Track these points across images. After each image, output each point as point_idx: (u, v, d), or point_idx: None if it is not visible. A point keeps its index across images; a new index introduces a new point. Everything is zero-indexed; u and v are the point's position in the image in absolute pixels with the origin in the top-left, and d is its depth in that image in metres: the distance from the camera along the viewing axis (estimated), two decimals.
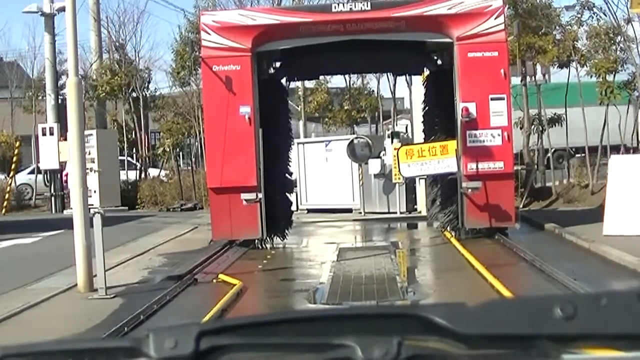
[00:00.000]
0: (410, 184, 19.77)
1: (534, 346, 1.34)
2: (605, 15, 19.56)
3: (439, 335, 1.34)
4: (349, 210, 21.30)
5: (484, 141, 14.24)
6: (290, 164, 16.67)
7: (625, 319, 1.34)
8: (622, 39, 19.66)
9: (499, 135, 14.23)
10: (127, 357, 1.36)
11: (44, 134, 26.78)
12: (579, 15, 20.11)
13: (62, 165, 25.40)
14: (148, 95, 29.45)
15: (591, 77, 20.38)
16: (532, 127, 21.47)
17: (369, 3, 14.30)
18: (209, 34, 14.49)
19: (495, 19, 14.19)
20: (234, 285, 10.65)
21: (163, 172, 28.82)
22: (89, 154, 25.02)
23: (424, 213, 19.38)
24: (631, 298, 1.37)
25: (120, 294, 10.41)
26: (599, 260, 11.76)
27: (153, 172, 29.07)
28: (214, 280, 11.51)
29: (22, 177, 29.93)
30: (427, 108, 16.96)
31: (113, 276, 11.32)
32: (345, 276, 11.55)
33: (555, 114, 21.23)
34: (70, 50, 11.14)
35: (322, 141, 23.44)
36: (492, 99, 14.19)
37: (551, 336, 1.34)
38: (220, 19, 14.78)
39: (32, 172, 29.79)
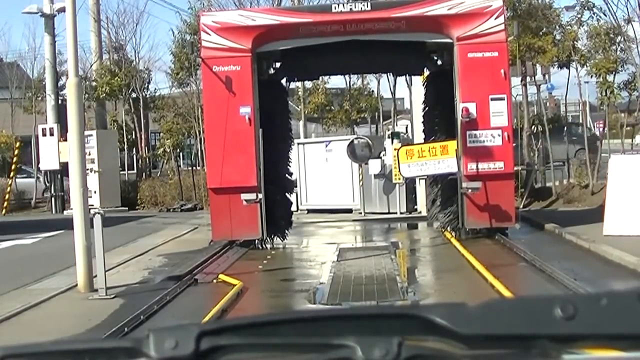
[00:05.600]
0: (410, 184, 19.77)
1: (534, 346, 1.34)
2: (605, 15, 19.58)
3: (439, 335, 1.34)
4: (349, 211, 21.29)
5: (484, 141, 14.23)
6: (290, 164, 16.66)
7: (626, 319, 1.33)
8: (622, 39, 19.65)
9: (499, 135, 14.23)
10: (128, 358, 1.36)
11: (44, 135, 26.81)
12: (579, 16, 20.12)
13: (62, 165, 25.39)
14: (148, 95, 29.46)
15: (591, 77, 20.40)
16: (532, 127, 21.48)
17: (369, 3, 14.31)
18: (209, 34, 14.49)
19: (495, 19, 14.18)
20: (234, 285, 10.65)
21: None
22: (89, 154, 25.13)
23: (424, 213, 19.37)
24: (631, 298, 1.37)
25: (121, 295, 10.41)
26: (599, 261, 11.75)
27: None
28: (214, 281, 11.51)
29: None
30: (427, 108, 16.96)
31: (113, 276, 11.34)
32: (345, 276, 11.54)
33: (555, 114, 21.24)
34: (70, 51, 11.14)
35: (322, 141, 23.43)
36: (492, 99, 14.19)
37: (551, 336, 1.33)
38: (220, 20, 14.78)
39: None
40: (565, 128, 20.56)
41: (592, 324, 1.33)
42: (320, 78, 26.70)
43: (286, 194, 16.37)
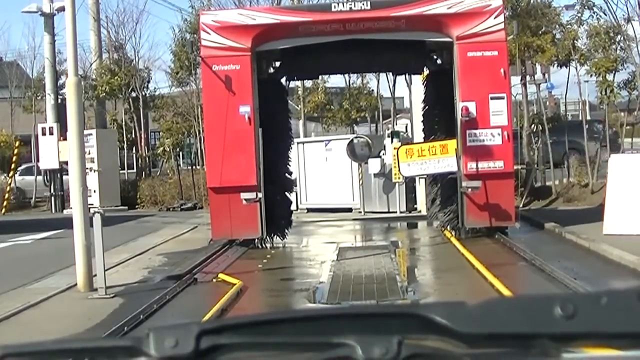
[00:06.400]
0: (410, 183, 19.74)
1: (534, 345, 1.34)
2: (605, 14, 19.56)
3: (439, 334, 1.34)
4: (349, 210, 21.27)
5: (483, 140, 14.21)
6: (290, 163, 16.64)
7: (626, 318, 1.33)
8: (622, 38, 19.64)
9: (498, 134, 14.20)
10: (128, 356, 1.35)
11: (43, 134, 26.80)
12: (579, 15, 20.10)
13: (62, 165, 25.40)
14: (147, 95, 29.44)
15: (591, 76, 20.37)
16: (532, 126, 21.46)
17: (368, 2, 14.27)
18: (209, 33, 14.46)
19: (495, 18, 14.16)
20: (234, 284, 10.64)
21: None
22: (89, 153, 25.12)
23: (423, 212, 19.36)
24: (631, 297, 1.36)
25: (120, 294, 10.39)
26: (599, 260, 11.73)
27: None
28: (214, 280, 11.49)
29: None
30: (427, 107, 16.93)
31: (113, 276, 11.32)
32: (345, 275, 11.52)
33: (555, 113, 21.21)
34: (70, 50, 11.12)
35: (322, 141, 23.42)
36: (492, 98, 14.16)
37: (551, 335, 1.33)
38: (220, 19, 14.75)
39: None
40: (587, 126, 20.41)
41: (592, 322, 1.32)
42: (320, 77, 26.67)
43: (286, 193, 16.34)
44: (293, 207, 18.15)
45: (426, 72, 17.45)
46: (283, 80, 17.23)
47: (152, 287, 10.94)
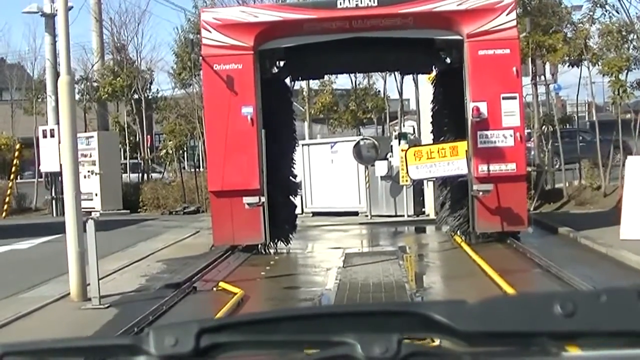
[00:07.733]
0: (417, 186, 19.34)
1: (534, 343, 1.36)
2: (618, 13, 19.16)
3: (439, 332, 1.36)
4: (355, 214, 20.89)
5: (495, 142, 13.81)
6: (294, 166, 16.25)
7: (625, 316, 1.34)
8: (635, 36, 19.23)
9: (511, 135, 13.81)
10: (128, 355, 1.38)
11: (44, 136, 26.47)
12: (591, 13, 19.69)
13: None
14: (150, 96, 29.07)
15: (603, 75, 19.93)
16: (542, 127, 21.06)
17: None
18: (210, 31, 14.08)
19: (507, 15, 13.77)
20: (235, 294, 10.18)
21: (165, 174, 28.54)
22: (90, 156, 24.85)
23: (432, 216, 18.95)
24: (631, 295, 1.36)
25: (115, 304, 9.94)
26: (617, 266, 11.39)
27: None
28: (214, 289, 11.04)
29: None
30: (436, 108, 16.53)
31: (109, 284, 10.97)
32: (351, 283, 11.12)
33: (563, 114, 20.77)
34: (63, 48, 10.71)
35: (328, 142, 23.02)
36: (503, 98, 13.78)
37: (551, 333, 1.35)
38: (222, 16, 14.38)
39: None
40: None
41: (591, 321, 1.34)
42: (327, 78, 26.32)
43: (290, 196, 15.96)
44: (298, 211, 17.75)
45: (435, 71, 17.04)
46: (287, 80, 16.84)
47: (149, 296, 10.49)
